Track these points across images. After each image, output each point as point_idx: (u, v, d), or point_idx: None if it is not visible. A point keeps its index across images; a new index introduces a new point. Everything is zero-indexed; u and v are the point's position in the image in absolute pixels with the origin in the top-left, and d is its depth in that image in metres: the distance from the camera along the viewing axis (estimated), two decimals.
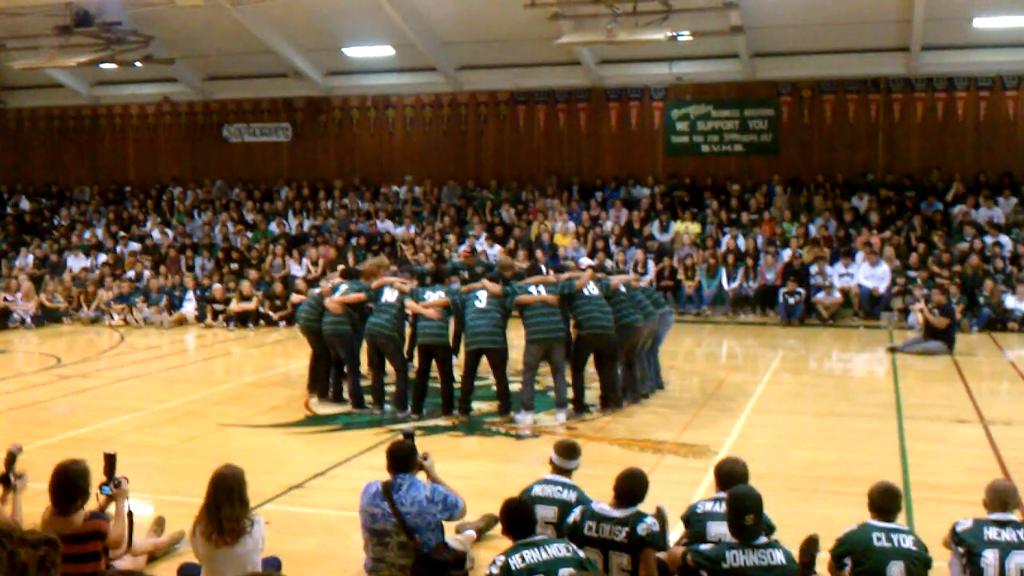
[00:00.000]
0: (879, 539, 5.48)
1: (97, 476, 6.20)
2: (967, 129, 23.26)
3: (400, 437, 6.88)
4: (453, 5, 21.90)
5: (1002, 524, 5.64)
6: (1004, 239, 20.90)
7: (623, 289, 11.94)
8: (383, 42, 24.16)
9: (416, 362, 11.85)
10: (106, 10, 20.54)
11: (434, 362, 11.54)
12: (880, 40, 22.43)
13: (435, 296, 11.51)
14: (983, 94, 23.12)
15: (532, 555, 5.33)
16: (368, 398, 12.01)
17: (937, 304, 16.42)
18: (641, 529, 5.81)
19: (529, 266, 12.76)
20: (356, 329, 12.04)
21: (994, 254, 20.42)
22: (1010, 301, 19.01)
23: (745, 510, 5.50)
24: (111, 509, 6.22)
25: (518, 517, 5.59)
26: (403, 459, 6.50)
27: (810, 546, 5.78)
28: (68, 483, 5.97)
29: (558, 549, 5.41)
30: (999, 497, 5.81)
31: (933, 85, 23.31)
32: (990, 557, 5.50)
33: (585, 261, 14.22)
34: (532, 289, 11.42)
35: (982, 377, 14.69)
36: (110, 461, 6.31)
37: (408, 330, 12.36)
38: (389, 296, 11.66)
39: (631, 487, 6.01)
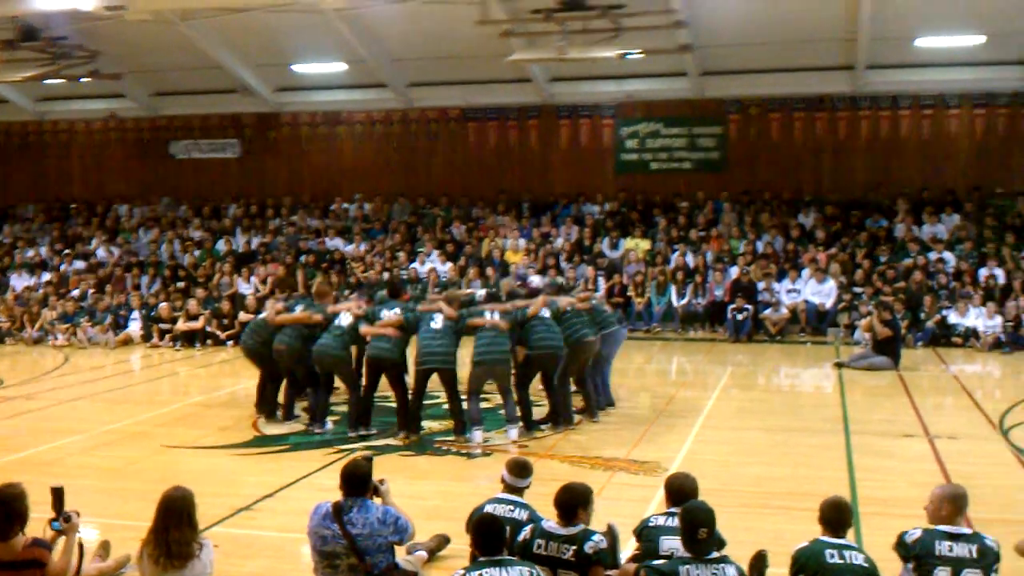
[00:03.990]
0: (832, 556, 5.51)
1: (35, 498, 6.00)
2: (911, 147, 23.66)
3: (357, 457, 6.81)
4: (404, 22, 21.87)
5: (954, 537, 5.65)
6: (948, 255, 21.24)
7: (570, 310, 12.01)
8: (333, 58, 24.07)
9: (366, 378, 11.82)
10: (52, 24, 20.24)
11: (384, 379, 11.53)
12: (826, 59, 22.77)
13: (391, 313, 11.53)
14: (927, 112, 23.55)
15: (492, 574, 5.26)
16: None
17: (881, 320, 16.65)
18: (588, 547, 5.81)
19: (488, 294, 12.90)
20: (307, 346, 11.95)
21: (937, 270, 20.75)
22: (953, 316, 19.32)
23: (698, 524, 5.52)
24: (60, 542, 6.05)
25: (488, 533, 5.53)
26: (358, 482, 6.37)
27: (759, 561, 5.80)
28: (4, 508, 5.80)
29: (520, 572, 5.33)
30: (956, 505, 5.82)
31: (878, 103, 23.68)
32: (942, 575, 5.53)
33: (535, 280, 14.23)
34: (487, 313, 11.47)
35: (927, 392, 14.89)
36: (58, 495, 6.10)
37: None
38: (343, 320, 11.67)
39: (568, 499, 6.01)
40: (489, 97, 25.29)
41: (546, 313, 11.64)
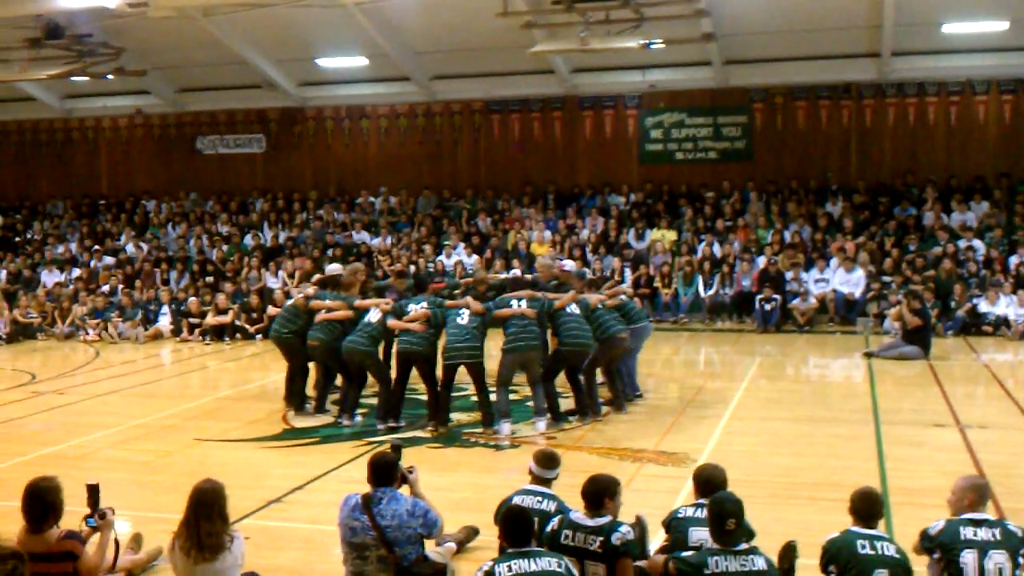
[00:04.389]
0: (863, 547, 5.49)
1: (70, 491, 6.06)
2: (938, 134, 23.46)
3: (386, 448, 6.82)
4: (426, 15, 21.89)
5: (978, 523, 5.65)
6: (977, 243, 21.05)
7: (600, 307, 12.03)
8: (356, 52, 24.13)
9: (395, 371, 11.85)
10: (77, 22, 20.40)
11: (415, 371, 11.59)
12: (851, 46, 22.60)
13: (418, 307, 11.55)
14: (954, 99, 23.32)
15: (520, 565, 5.27)
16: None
17: (911, 309, 16.53)
18: (615, 538, 5.78)
19: (512, 279, 12.88)
20: (340, 342, 11.96)
21: (967, 258, 20.57)
22: (983, 305, 19.15)
23: (727, 515, 5.50)
24: (95, 538, 6.10)
25: (517, 524, 5.53)
26: (385, 472, 6.42)
27: (788, 552, 5.78)
28: (38, 500, 5.86)
29: (548, 563, 5.33)
30: (979, 494, 5.82)
31: (904, 90, 23.49)
32: (968, 558, 5.51)
33: (568, 263, 14.01)
34: (513, 302, 11.48)
35: (957, 381, 14.78)
36: (93, 492, 6.14)
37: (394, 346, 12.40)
38: (373, 316, 11.71)
39: (595, 490, 5.98)
40: (512, 89, 25.25)
41: (576, 309, 11.64)
